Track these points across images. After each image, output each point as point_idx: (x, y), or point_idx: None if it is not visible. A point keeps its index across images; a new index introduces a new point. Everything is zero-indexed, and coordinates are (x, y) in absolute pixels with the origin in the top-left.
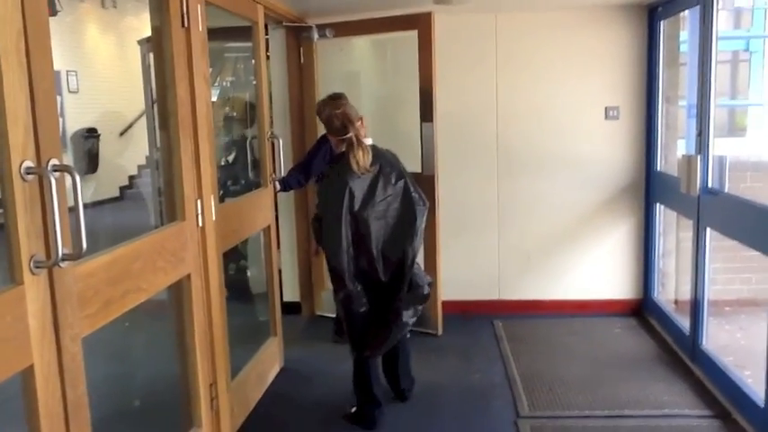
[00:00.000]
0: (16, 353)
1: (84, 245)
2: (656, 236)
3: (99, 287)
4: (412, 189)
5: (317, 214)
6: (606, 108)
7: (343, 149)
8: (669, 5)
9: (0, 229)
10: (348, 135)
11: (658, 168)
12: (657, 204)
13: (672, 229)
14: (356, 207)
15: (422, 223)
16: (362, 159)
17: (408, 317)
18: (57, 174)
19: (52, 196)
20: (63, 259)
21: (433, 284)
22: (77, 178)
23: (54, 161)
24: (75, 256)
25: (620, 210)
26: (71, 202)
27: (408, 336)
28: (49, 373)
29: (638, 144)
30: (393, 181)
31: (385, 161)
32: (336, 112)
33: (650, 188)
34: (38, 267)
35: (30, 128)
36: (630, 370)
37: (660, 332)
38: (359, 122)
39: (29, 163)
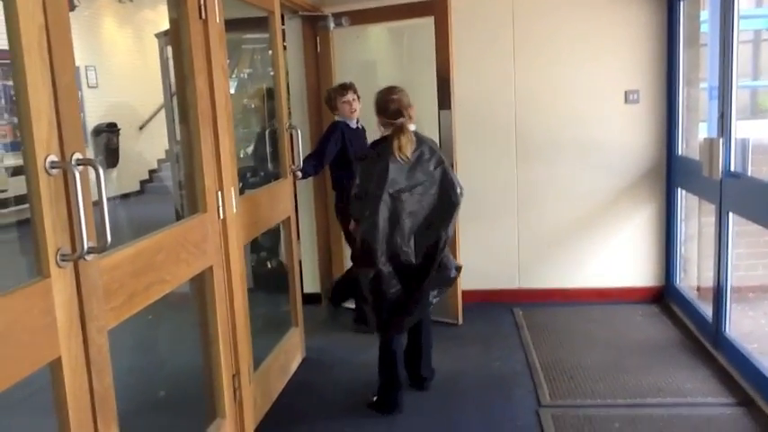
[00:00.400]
0: (44, 345)
1: (109, 238)
2: (677, 221)
3: (123, 280)
4: (450, 176)
5: (356, 193)
6: (626, 92)
7: (388, 133)
8: None
9: (23, 223)
10: (399, 120)
11: (679, 152)
12: (679, 189)
13: (694, 213)
14: (394, 189)
15: (457, 210)
16: (405, 146)
17: (432, 296)
18: (80, 168)
19: (77, 190)
20: (88, 252)
21: (460, 269)
22: (101, 172)
23: (78, 155)
24: (100, 249)
25: (641, 195)
26: (94, 196)
27: (430, 324)
28: (76, 364)
29: (659, 128)
30: (432, 167)
31: (426, 147)
32: (393, 97)
33: (671, 172)
34: (64, 260)
35: (53, 122)
36: (652, 358)
37: (682, 319)
38: (411, 110)
39: (53, 157)
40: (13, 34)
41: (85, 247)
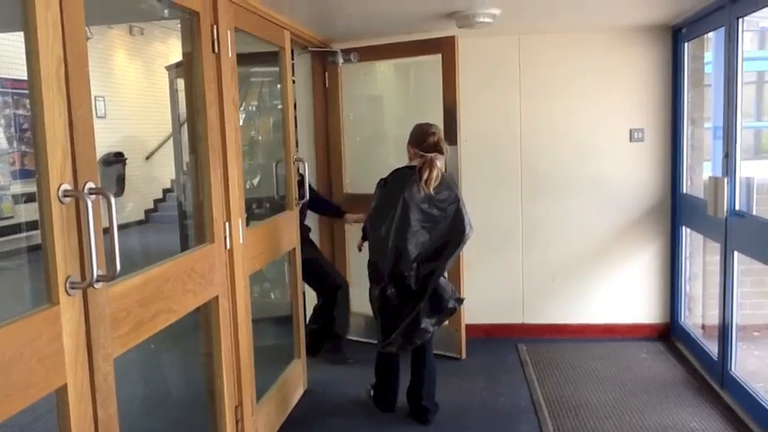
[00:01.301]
0: (51, 372)
1: (118, 266)
2: (682, 259)
3: (131, 308)
4: (463, 214)
5: (371, 216)
6: (631, 130)
7: (416, 164)
8: (693, 27)
9: (32, 250)
10: (431, 154)
11: (684, 191)
12: (683, 227)
13: (698, 252)
14: (407, 218)
15: (461, 247)
16: (432, 179)
17: (429, 324)
18: (93, 197)
19: (89, 218)
20: (98, 280)
21: (462, 301)
22: (113, 201)
23: (90, 184)
24: (109, 277)
25: (646, 232)
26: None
27: (433, 357)
28: (82, 392)
29: (664, 166)
30: (447, 203)
31: (446, 183)
32: (432, 131)
33: (676, 210)
34: (73, 288)
35: (68, 151)
36: (658, 395)
37: (688, 357)
38: (443, 145)
39: (66, 186)
40: (33, 65)
41: (95, 275)
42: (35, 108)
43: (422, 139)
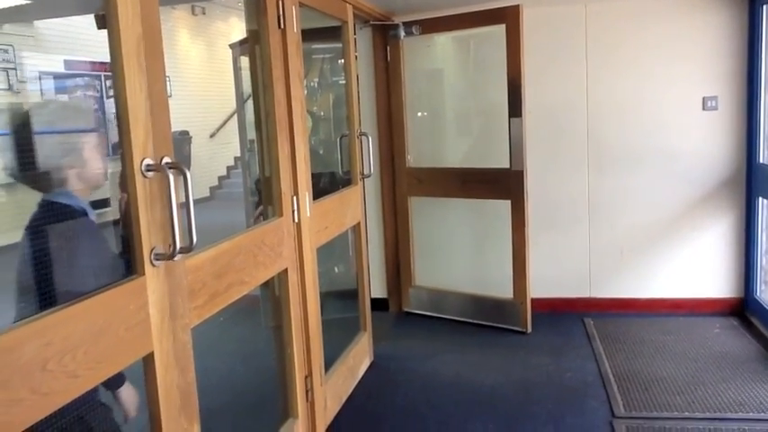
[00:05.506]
0: (138, 340)
1: (195, 238)
2: (758, 231)
3: (206, 280)
4: None
5: None
6: (704, 98)
7: None
8: None
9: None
10: None
11: (761, 160)
12: (760, 198)
13: None
14: None
15: None
16: None
17: None
18: (172, 170)
19: (170, 191)
20: (179, 252)
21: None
22: (188, 175)
23: (167, 159)
24: (187, 249)
25: (719, 204)
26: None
27: None
28: (168, 360)
29: (739, 135)
30: None
31: None
32: None
33: (752, 181)
34: (158, 259)
35: (149, 126)
36: (732, 371)
37: (763, 332)
38: None
39: (149, 160)
40: (114, 43)
41: (178, 246)
42: (118, 84)
43: None
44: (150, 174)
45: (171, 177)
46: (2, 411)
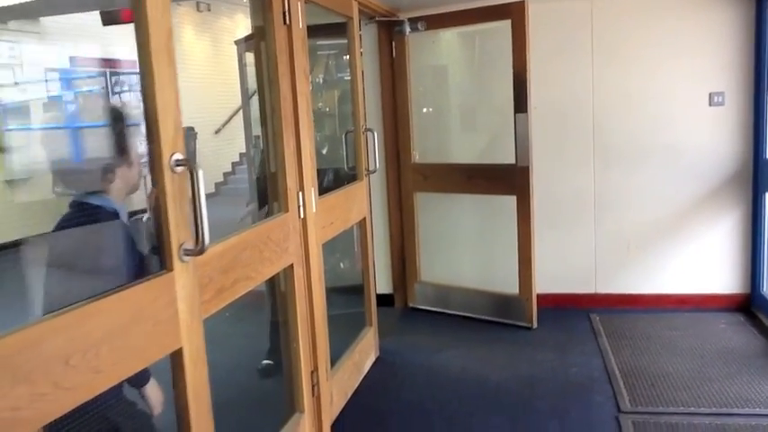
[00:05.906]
0: (166, 336)
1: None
2: (764, 227)
3: (212, 275)
4: None
5: None
6: (710, 94)
7: None
8: None
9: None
10: None
11: (767, 156)
12: (766, 194)
13: None
14: None
15: None
16: None
17: None
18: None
19: (198, 187)
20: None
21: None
22: (200, 172)
23: (178, 155)
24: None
25: (725, 200)
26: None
27: None
28: (197, 356)
29: (746, 131)
30: None
31: None
32: None
33: (758, 177)
34: (186, 255)
35: (179, 122)
36: (738, 367)
37: None
38: None
39: (178, 155)
40: (143, 38)
41: (206, 242)
42: (146, 79)
43: None
44: (179, 169)
45: (200, 172)
46: (24, 405)
